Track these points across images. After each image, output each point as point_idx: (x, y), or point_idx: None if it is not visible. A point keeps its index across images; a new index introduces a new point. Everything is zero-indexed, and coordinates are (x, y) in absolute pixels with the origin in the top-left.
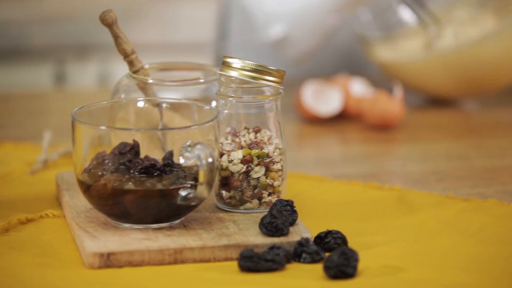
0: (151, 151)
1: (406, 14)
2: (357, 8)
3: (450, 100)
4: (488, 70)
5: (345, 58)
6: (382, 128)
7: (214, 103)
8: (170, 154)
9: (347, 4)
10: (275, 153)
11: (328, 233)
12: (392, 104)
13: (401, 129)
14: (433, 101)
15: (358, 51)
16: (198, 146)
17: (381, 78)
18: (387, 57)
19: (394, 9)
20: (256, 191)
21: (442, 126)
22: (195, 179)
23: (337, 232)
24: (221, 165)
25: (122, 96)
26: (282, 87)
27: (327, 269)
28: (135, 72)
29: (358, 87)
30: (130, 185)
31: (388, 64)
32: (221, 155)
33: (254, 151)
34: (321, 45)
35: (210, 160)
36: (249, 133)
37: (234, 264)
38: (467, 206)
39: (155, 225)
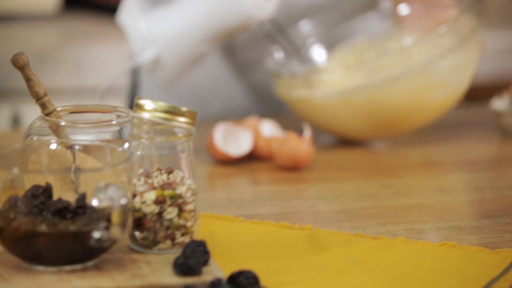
0: (64, 193)
1: (276, 48)
2: (229, 39)
3: (360, 140)
4: (397, 113)
5: (259, 97)
6: (292, 168)
7: (127, 145)
8: (83, 196)
9: (219, 34)
10: (187, 194)
11: (241, 273)
12: (301, 145)
13: (310, 169)
14: (343, 141)
15: (272, 90)
16: (111, 188)
17: (292, 119)
18: (297, 97)
19: (305, 47)
20: (169, 231)
21: (351, 166)
22: (108, 220)
23: (250, 272)
24: (134, 206)
25: (35, 138)
26: (194, 128)
27: None
28: (47, 114)
29: (268, 128)
30: (43, 228)
31: (298, 104)
32: (134, 196)
33: (167, 192)
34: (190, 71)
35: (123, 201)
36: (161, 174)
37: None
38: (377, 244)
39: (68, 267)
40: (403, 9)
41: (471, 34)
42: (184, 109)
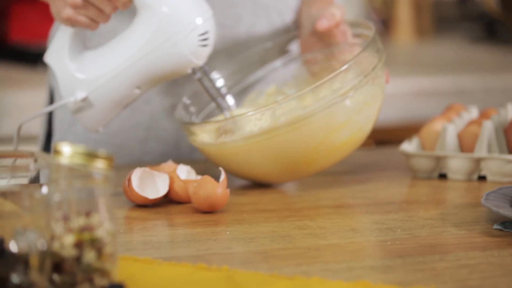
0: None
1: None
2: (157, 85)
3: (272, 183)
4: (304, 155)
5: (175, 143)
6: (208, 211)
7: (45, 189)
8: (1, 240)
9: (153, 79)
10: (106, 237)
11: None
12: (216, 188)
13: (226, 211)
14: (257, 184)
15: (185, 137)
16: (30, 232)
17: (207, 163)
18: (208, 144)
19: (212, 94)
20: (88, 274)
21: (266, 208)
22: (27, 265)
23: None
24: (53, 250)
25: None
26: (111, 172)
27: None
28: None
29: (184, 173)
30: None
31: (209, 150)
32: (53, 240)
33: (86, 235)
34: (116, 116)
35: (41, 245)
36: (80, 218)
37: None
38: (293, 284)
39: None
40: (309, 54)
41: (373, 73)
42: (101, 153)
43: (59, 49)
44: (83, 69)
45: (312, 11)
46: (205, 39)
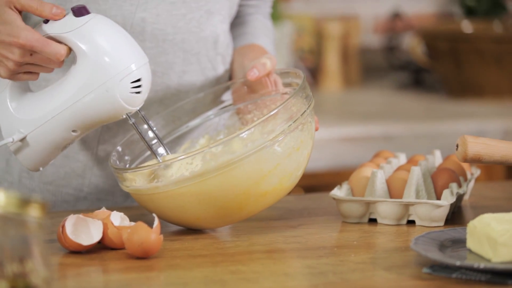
0: None
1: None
2: (94, 128)
3: (204, 228)
4: (234, 200)
5: (109, 189)
6: (142, 256)
7: None
8: None
9: (89, 124)
10: (40, 284)
11: None
12: (150, 233)
13: (160, 257)
14: (190, 229)
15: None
16: None
17: (141, 210)
18: (140, 190)
19: (146, 139)
20: None
21: (199, 253)
22: None
23: None
24: None
25: None
26: (45, 219)
27: None
28: None
29: (118, 219)
30: None
31: (142, 197)
32: None
33: (19, 282)
34: (57, 155)
35: None
36: (14, 264)
37: None
38: None
39: None
40: (242, 104)
41: (303, 119)
42: (35, 200)
43: (1, 90)
44: (23, 110)
45: (244, 61)
46: (138, 86)
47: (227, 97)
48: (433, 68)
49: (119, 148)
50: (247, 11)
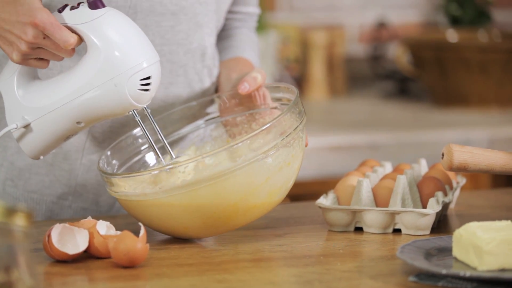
0: None
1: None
2: (99, 122)
3: (192, 237)
4: (224, 211)
5: (93, 201)
6: (128, 265)
7: None
8: None
9: (94, 117)
10: None
11: None
12: (136, 242)
13: (146, 265)
14: (177, 238)
15: (104, 193)
16: None
17: (128, 218)
18: (128, 197)
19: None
20: None
21: (185, 262)
22: None
23: None
24: None
25: None
26: (31, 228)
27: None
28: None
29: (104, 228)
30: None
31: (130, 204)
32: None
33: None
34: (59, 145)
35: None
36: (0, 273)
37: None
38: None
39: None
40: (229, 117)
41: (295, 134)
42: (20, 209)
43: (9, 75)
44: (29, 97)
45: (231, 74)
46: (147, 84)
47: (214, 109)
48: (418, 77)
49: (108, 152)
50: (233, 24)
